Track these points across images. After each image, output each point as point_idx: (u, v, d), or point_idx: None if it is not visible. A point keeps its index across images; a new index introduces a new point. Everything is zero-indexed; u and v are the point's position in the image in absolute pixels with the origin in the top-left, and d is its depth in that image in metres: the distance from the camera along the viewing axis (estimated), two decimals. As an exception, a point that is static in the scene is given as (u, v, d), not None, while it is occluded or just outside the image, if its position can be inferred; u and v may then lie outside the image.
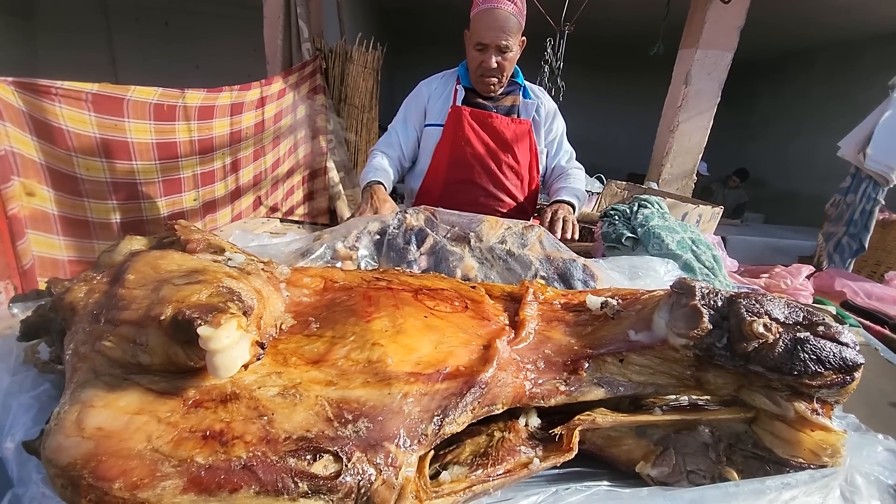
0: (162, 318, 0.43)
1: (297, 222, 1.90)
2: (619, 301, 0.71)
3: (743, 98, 7.68)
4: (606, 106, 8.69)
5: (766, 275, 1.69)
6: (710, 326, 0.59)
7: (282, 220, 1.90)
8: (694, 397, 0.67)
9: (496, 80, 1.63)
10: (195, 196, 2.24)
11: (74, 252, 1.77)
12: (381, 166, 1.67)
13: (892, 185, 2.83)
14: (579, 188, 1.72)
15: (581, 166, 1.86)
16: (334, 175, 3.69)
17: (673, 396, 0.67)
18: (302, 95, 3.26)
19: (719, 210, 2.23)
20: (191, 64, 7.35)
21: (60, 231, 1.73)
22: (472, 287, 0.78)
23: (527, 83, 1.78)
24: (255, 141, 2.71)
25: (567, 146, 1.87)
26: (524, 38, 1.62)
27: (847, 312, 1.46)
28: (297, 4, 3.31)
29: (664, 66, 4.13)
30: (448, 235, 1.11)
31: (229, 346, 0.41)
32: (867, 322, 1.42)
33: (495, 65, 1.57)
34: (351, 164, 3.83)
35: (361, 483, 0.43)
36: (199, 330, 0.40)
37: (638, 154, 6.43)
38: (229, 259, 0.62)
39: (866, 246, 3.04)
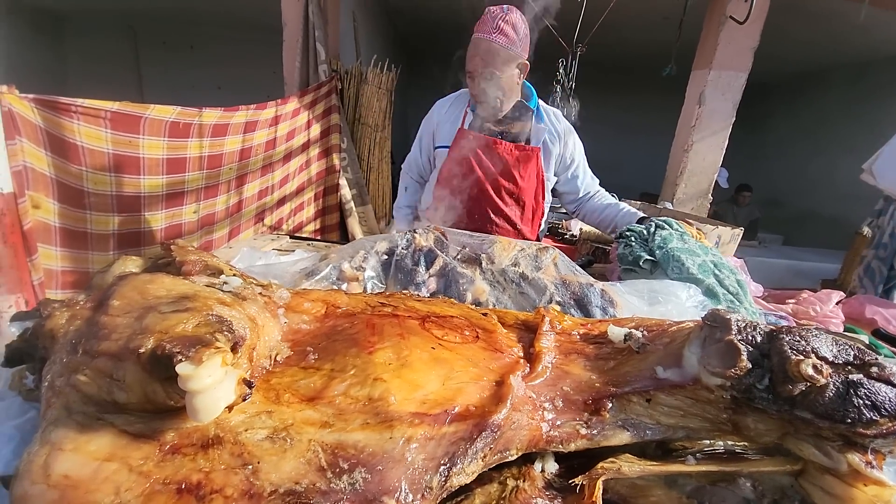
0: (141, 351, 0.39)
1: (306, 239, 1.87)
2: (645, 333, 0.65)
3: (759, 117, 7.60)
4: (619, 125, 8.68)
5: (793, 300, 1.60)
6: (748, 365, 0.53)
7: (292, 237, 1.88)
8: (731, 444, 0.60)
9: (483, 103, 1.64)
10: (195, 209, 2.23)
11: (69, 263, 1.75)
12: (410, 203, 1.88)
13: None
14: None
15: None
16: (346, 192, 3.71)
17: (707, 442, 0.60)
18: (317, 114, 3.30)
19: (739, 231, 2.15)
20: (213, 85, 7.74)
21: (59, 242, 1.72)
22: (483, 314, 0.73)
23: (542, 105, 1.74)
24: (263, 158, 2.73)
25: (588, 169, 1.84)
26: (525, 62, 1.59)
27: (879, 341, 1.37)
28: (315, 28, 3.38)
29: (677, 86, 4.10)
30: (458, 257, 1.06)
31: (211, 387, 0.37)
32: (901, 352, 1.32)
33: (476, 91, 1.59)
34: (363, 182, 3.85)
35: (356, 546, 0.38)
36: (178, 368, 0.36)
37: (651, 173, 6.36)
38: (225, 283, 0.58)
39: None
